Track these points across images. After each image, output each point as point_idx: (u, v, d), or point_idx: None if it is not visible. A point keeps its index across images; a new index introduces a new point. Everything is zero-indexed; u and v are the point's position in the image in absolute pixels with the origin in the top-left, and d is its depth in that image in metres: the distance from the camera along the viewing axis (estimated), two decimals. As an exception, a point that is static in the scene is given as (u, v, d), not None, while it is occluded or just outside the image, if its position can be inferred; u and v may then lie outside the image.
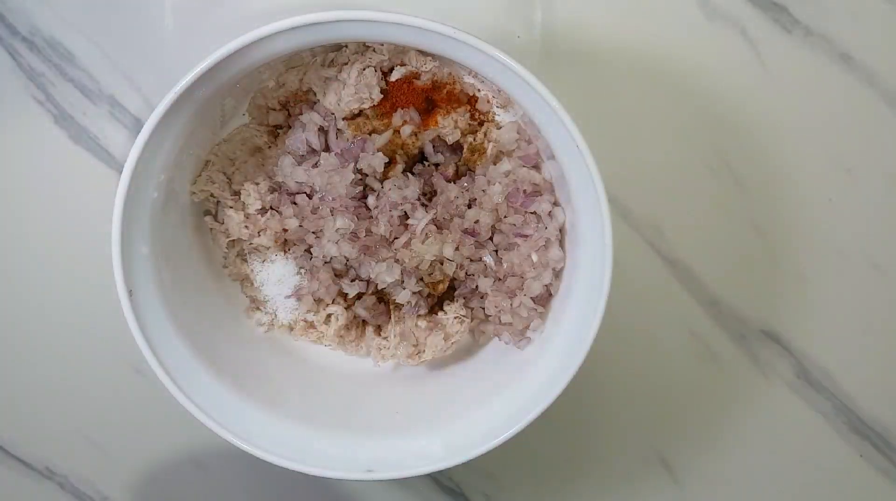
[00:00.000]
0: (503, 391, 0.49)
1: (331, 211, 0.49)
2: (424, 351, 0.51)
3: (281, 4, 0.51)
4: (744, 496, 0.56)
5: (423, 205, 0.49)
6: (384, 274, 0.49)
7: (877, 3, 0.52)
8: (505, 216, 0.49)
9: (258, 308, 0.52)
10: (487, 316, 0.51)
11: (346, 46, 0.49)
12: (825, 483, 0.56)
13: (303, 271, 0.51)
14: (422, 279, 0.50)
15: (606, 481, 0.56)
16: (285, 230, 0.50)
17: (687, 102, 0.53)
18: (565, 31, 0.52)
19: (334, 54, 0.49)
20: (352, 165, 0.48)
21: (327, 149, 0.49)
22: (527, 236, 0.49)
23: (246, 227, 0.50)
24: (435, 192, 0.50)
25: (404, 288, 0.50)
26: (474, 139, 0.49)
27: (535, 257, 0.49)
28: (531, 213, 0.49)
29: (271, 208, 0.50)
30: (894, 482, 0.55)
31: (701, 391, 0.55)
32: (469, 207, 0.50)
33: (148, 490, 0.56)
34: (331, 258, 0.50)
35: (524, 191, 0.49)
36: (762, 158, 0.53)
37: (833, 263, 0.54)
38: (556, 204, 0.49)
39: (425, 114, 0.49)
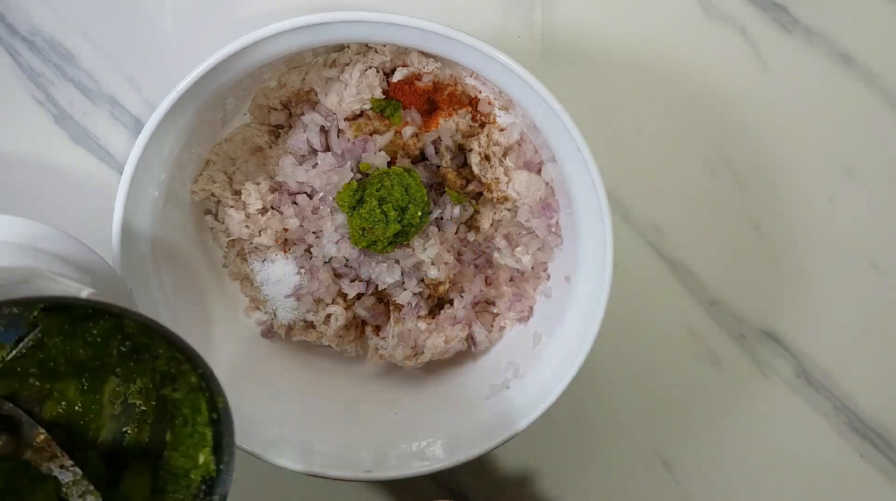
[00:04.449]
0: (503, 391, 0.49)
1: (331, 211, 0.49)
2: (423, 353, 0.51)
3: (282, 5, 0.51)
4: (744, 495, 0.56)
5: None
6: (384, 275, 0.49)
7: (877, 3, 0.52)
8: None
9: (258, 308, 0.52)
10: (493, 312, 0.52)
11: (348, 47, 0.49)
12: (825, 483, 0.56)
13: (303, 271, 0.51)
14: (422, 280, 0.50)
15: (606, 481, 0.56)
16: (286, 230, 0.50)
17: (687, 102, 0.53)
18: (565, 31, 0.52)
19: (336, 55, 0.49)
20: (349, 163, 0.48)
21: (328, 149, 0.49)
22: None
23: (246, 226, 0.50)
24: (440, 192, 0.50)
25: (405, 289, 0.50)
26: (479, 144, 0.49)
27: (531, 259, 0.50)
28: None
29: (272, 207, 0.50)
30: (894, 482, 0.55)
31: (701, 391, 0.55)
32: (469, 228, 0.51)
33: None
34: (330, 258, 0.50)
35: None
36: (762, 158, 0.53)
37: (833, 263, 0.54)
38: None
39: (427, 115, 0.49)
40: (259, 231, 0.50)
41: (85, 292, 0.36)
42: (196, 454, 0.39)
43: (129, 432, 0.40)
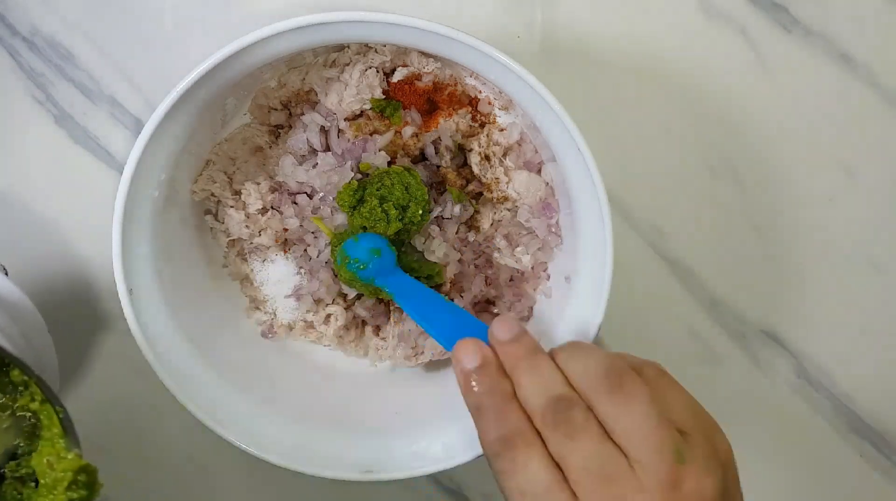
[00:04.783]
0: (503, 391, 0.49)
1: (331, 211, 0.49)
2: (423, 353, 0.51)
3: (282, 5, 0.51)
4: (743, 495, 0.56)
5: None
6: (384, 275, 0.49)
7: (877, 3, 0.52)
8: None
9: (258, 308, 0.52)
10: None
11: (348, 47, 0.49)
12: (825, 483, 0.56)
13: (303, 271, 0.51)
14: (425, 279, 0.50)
15: (606, 481, 0.56)
16: (286, 230, 0.50)
17: (687, 103, 0.53)
18: (565, 32, 0.52)
19: (336, 55, 0.49)
20: (349, 163, 0.48)
21: (328, 149, 0.49)
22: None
23: (246, 226, 0.50)
24: (441, 186, 0.50)
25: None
26: (479, 144, 0.49)
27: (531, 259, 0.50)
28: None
29: (272, 207, 0.50)
30: (894, 482, 0.55)
31: (701, 391, 0.55)
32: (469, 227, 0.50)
33: (148, 489, 0.56)
34: (330, 258, 0.50)
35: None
36: (762, 158, 0.53)
37: (833, 263, 0.54)
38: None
39: (427, 115, 0.49)
40: (259, 231, 0.50)
41: None
42: (58, 466, 0.39)
43: (21, 444, 0.39)
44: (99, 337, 0.54)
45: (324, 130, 0.49)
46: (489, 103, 0.49)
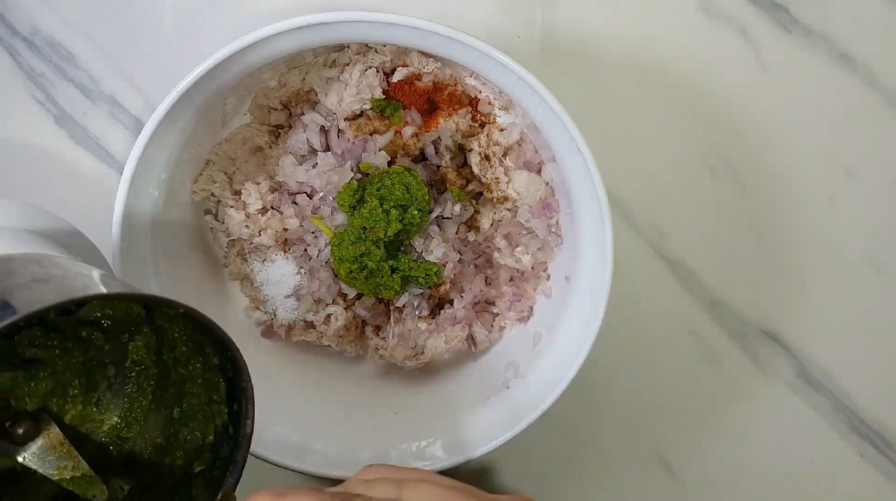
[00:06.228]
0: (503, 391, 0.49)
1: (331, 211, 0.49)
2: (423, 353, 0.51)
3: (282, 5, 0.51)
4: (743, 495, 0.56)
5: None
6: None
7: (877, 4, 0.52)
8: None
9: (258, 308, 0.52)
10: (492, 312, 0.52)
11: (348, 47, 0.49)
12: (825, 483, 0.56)
13: (303, 271, 0.51)
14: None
15: (606, 480, 0.56)
16: (286, 230, 0.50)
17: (687, 102, 0.53)
18: (565, 31, 0.52)
19: (336, 55, 0.49)
20: (349, 163, 0.48)
21: (328, 149, 0.49)
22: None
23: (246, 226, 0.50)
24: (440, 186, 0.50)
25: (405, 292, 0.50)
26: (479, 144, 0.49)
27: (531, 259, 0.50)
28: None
29: (272, 207, 0.50)
30: (894, 482, 0.55)
31: (701, 391, 0.55)
32: (469, 227, 0.50)
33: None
34: (330, 258, 0.50)
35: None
36: (762, 158, 0.53)
37: (833, 263, 0.54)
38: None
39: (427, 115, 0.49)
40: (259, 231, 0.50)
41: (96, 274, 0.35)
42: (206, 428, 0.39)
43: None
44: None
45: (324, 130, 0.49)
46: (489, 103, 0.49)
